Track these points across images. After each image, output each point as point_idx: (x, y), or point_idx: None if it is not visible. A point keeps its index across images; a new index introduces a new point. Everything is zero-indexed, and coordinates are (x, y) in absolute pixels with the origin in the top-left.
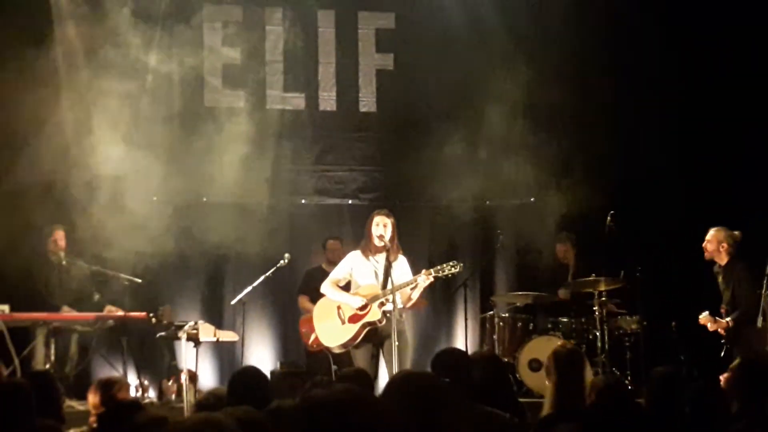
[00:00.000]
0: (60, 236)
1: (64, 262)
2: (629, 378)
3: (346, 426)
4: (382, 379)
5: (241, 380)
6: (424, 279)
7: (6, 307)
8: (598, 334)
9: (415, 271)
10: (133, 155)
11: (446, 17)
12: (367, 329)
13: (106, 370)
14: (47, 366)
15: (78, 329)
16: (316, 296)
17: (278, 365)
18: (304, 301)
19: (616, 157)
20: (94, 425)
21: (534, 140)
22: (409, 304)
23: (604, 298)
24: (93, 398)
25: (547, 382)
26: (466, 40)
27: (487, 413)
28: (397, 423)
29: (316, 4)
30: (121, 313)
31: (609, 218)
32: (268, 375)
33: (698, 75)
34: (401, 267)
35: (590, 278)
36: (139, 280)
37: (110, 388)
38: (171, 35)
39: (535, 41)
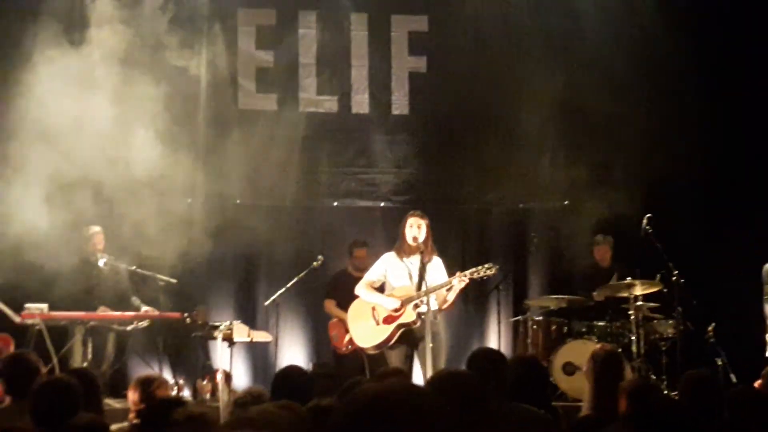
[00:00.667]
0: (98, 237)
1: (101, 263)
2: (665, 382)
3: (399, 420)
4: (417, 381)
5: (285, 379)
6: (459, 281)
7: (45, 306)
8: (633, 338)
9: (450, 273)
10: (168, 157)
11: (479, 19)
12: (401, 330)
13: (141, 369)
14: (84, 364)
15: (115, 328)
16: (341, 300)
17: (311, 366)
18: (329, 305)
19: (652, 159)
20: (135, 422)
21: (568, 142)
22: (445, 306)
23: (640, 302)
24: (133, 395)
25: (584, 385)
26: (499, 42)
27: (524, 410)
28: (447, 417)
29: (350, 7)
30: (156, 313)
31: (645, 221)
32: None
33: (736, 76)
34: (436, 268)
35: (626, 281)
36: (174, 281)
37: (149, 386)
38: (205, 39)
39: (570, 43)
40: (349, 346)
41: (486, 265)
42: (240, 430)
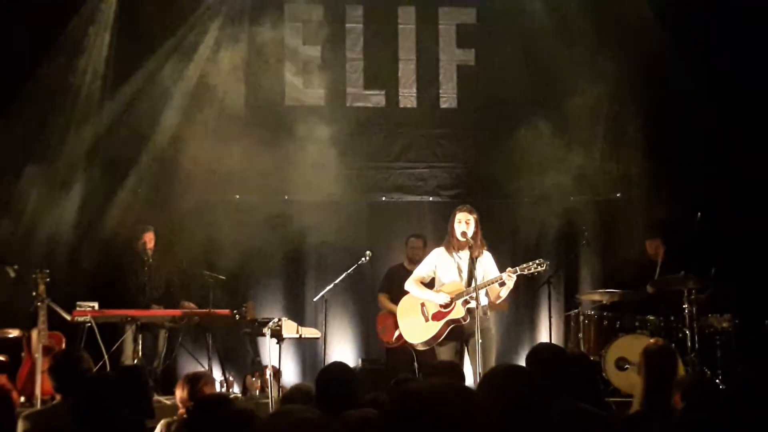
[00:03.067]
0: (149, 237)
1: (151, 261)
2: (720, 377)
3: (443, 418)
4: (467, 377)
5: (330, 375)
6: (508, 277)
7: (95, 304)
8: (687, 332)
9: (500, 267)
10: (216, 154)
11: (528, 10)
12: (451, 326)
13: (191, 366)
14: (135, 362)
15: (165, 325)
16: (396, 295)
17: (360, 362)
18: (383, 299)
19: (705, 152)
20: (184, 417)
21: (620, 134)
22: (498, 302)
23: (693, 296)
24: (181, 393)
25: (637, 380)
26: (548, 34)
27: (584, 410)
28: (492, 417)
29: (397, 0)
30: (195, 309)
31: (699, 214)
32: None
33: None
34: (486, 263)
35: (680, 275)
36: (223, 277)
37: (197, 383)
38: (253, 35)
39: (620, 32)
40: (398, 342)
41: (537, 261)
42: None
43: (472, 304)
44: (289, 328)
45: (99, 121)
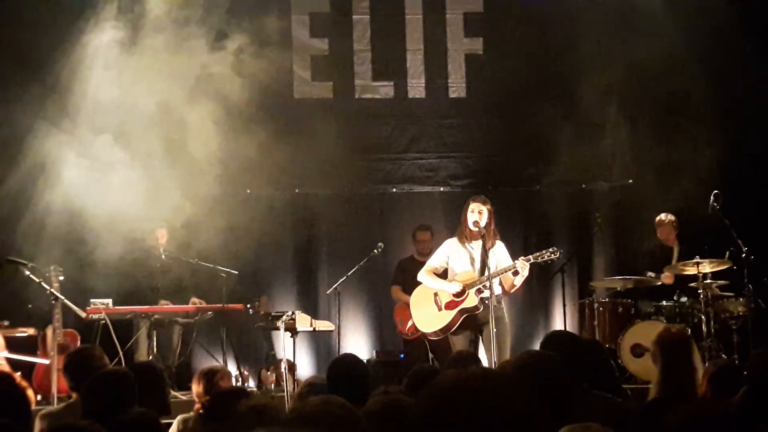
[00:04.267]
0: (162, 234)
1: (164, 256)
2: (737, 362)
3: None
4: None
5: (340, 368)
6: (521, 266)
7: (109, 301)
8: (703, 317)
9: (513, 256)
10: (226, 149)
11: None
12: (464, 316)
13: (206, 361)
14: (150, 357)
15: (179, 321)
16: (408, 286)
17: (374, 354)
18: (396, 291)
19: (718, 136)
20: (201, 412)
21: (631, 120)
22: (512, 291)
23: (708, 281)
24: (197, 387)
25: (653, 367)
26: (556, 21)
27: (601, 397)
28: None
29: None
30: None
31: (713, 197)
32: None
33: None
34: (500, 253)
35: (694, 260)
36: (236, 272)
37: (213, 377)
38: (260, 29)
39: (629, 19)
40: (411, 332)
41: (550, 249)
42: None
43: (486, 294)
44: (303, 322)
45: None
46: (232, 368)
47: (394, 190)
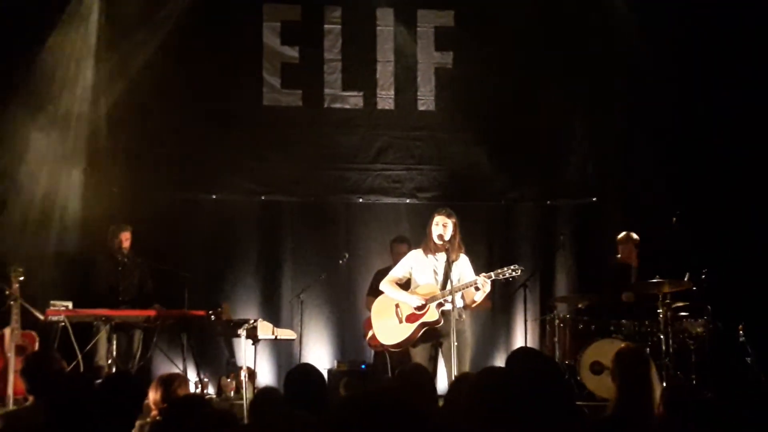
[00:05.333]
0: (126, 237)
1: (126, 261)
2: (694, 382)
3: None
4: (441, 379)
5: (297, 378)
6: (483, 282)
7: (69, 304)
8: (662, 336)
9: (476, 271)
10: (193, 153)
11: (506, 14)
12: (424, 329)
13: (166, 366)
14: (109, 362)
15: (140, 326)
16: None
17: (336, 364)
18: (371, 302)
19: (681, 156)
20: (158, 419)
21: (596, 139)
22: (473, 306)
23: (668, 301)
24: (154, 395)
25: (611, 384)
26: (526, 38)
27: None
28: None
29: (375, 2)
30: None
31: (674, 219)
32: (326, 373)
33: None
34: (463, 266)
35: (654, 280)
36: (189, 275)
37: (171, 385)
38: (230, 35)
39: (597, 37)
40: (372, 343)
41: (512, 267)
42: None
43: (447, 307)
44: (265, 329)
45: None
46: (192, 375)
47: (361, 200)
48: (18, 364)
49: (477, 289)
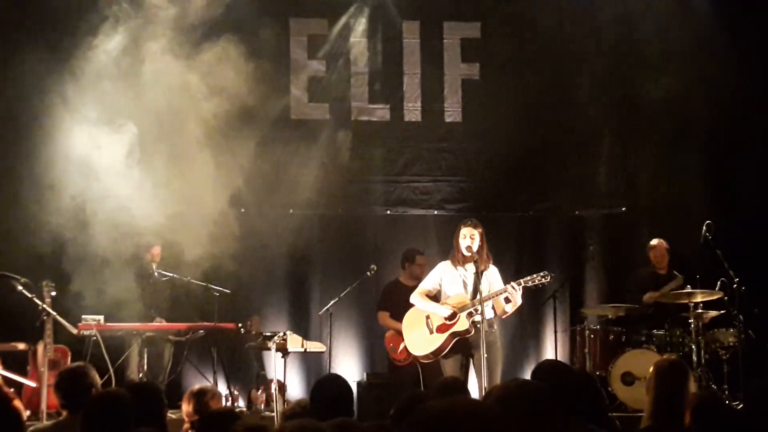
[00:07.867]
0: (156, 251)
1: (157, 274)
2: (726, 392)
3: None
4: (472, 390)
5: (324, 389)
6: (513, 290)
7: (101, 318)
8: (693, 347)
9: (505, 281)
10: (222, 167)
11: (533, 25)
12: (455, 339)
13: (197, 379)
14: (140, 375)
15: (171, 339)
16: (395, 311)
17: (365, 376)
18: (384, 318)
19: (712, 165)
20: (190, 431)
21: (626, 148)
22: (504, 317)
23: (700, 310)
24: (186, 407)
25: (646, 395)
26: (553, 48)
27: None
28: None
29: (402, 15)
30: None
31: (705, 227)
32: (354, 386)
33: None
34: (492, 276)
35: (686, 290)
36: (228, 291)
37: (203, 397)
38: (258, 49)
39: (625, 47)
40: (403, 356)
41: (541, 273)
42: None
43: (477, 318)
44: (294, 342)
45: None
46: (223, 387)
47: (388, 212)
48: (51, 378)
49: (507, 301)
